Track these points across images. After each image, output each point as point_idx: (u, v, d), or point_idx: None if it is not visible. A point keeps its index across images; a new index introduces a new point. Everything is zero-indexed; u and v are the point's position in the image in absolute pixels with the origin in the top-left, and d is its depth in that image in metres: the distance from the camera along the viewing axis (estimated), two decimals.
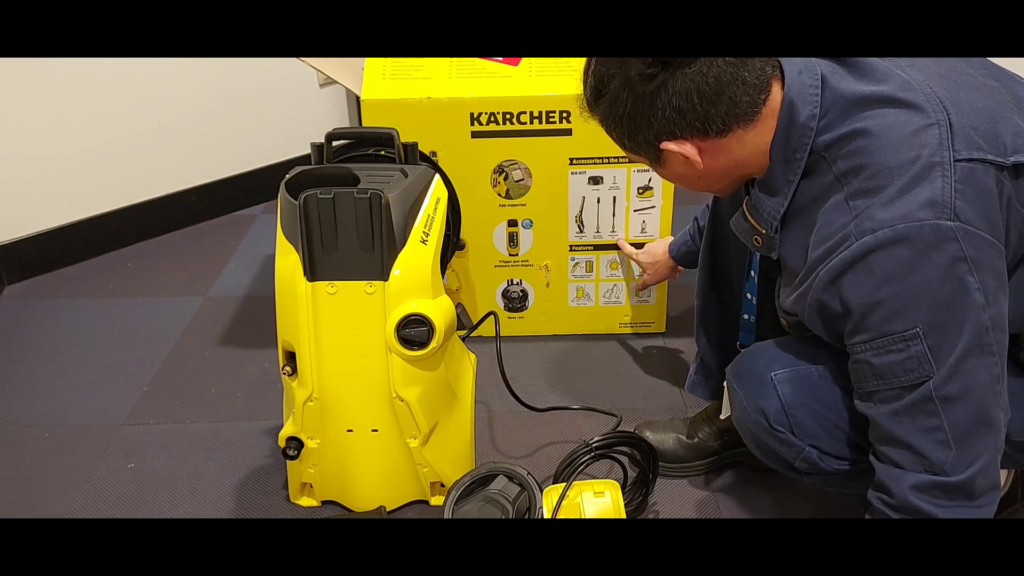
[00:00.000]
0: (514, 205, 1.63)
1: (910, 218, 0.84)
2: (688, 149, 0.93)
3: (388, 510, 1.33)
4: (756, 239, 1.02)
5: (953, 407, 0.86)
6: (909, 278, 0.85)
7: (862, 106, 0.91)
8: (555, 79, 1.54)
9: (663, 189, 1.61)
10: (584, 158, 1.58)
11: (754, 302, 1.23)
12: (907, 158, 0.86)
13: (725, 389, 1.14)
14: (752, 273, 1.21)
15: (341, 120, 2.49)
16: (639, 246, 1.65)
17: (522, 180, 1.61)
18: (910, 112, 0.89)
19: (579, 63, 1.56)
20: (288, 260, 1.17)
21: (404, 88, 1.53)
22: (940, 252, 0.84)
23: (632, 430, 1.40)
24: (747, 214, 1.03)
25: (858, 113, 0.90)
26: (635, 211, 1.64)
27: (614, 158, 1.58)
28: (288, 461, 1.29)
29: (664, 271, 1.58)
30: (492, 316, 1.44)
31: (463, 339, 1.41)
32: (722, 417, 1.26)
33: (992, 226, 0.86)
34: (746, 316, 1.26)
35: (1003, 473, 1.22)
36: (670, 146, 0.93)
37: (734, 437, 1.36)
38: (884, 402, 0.90)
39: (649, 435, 1.40)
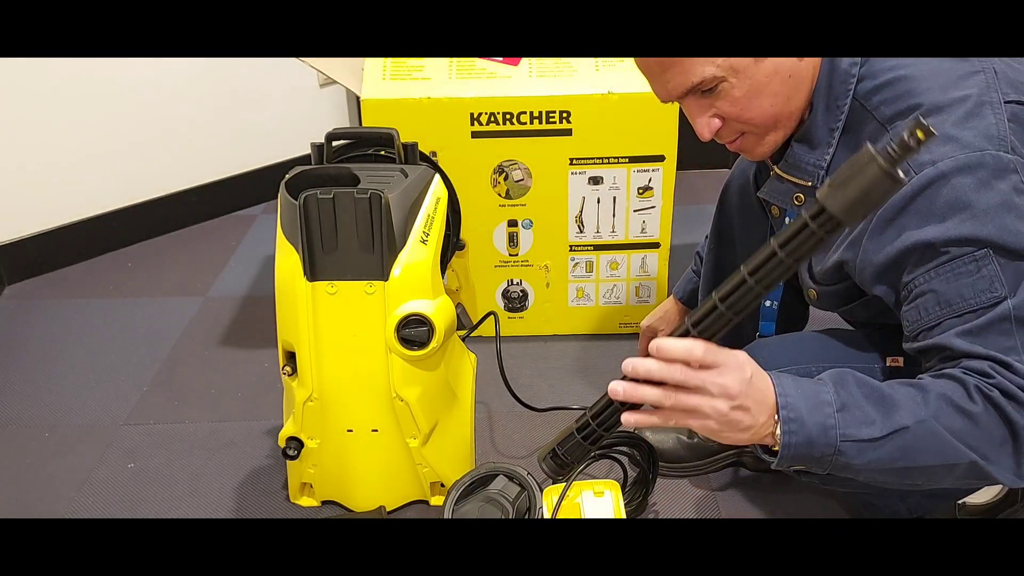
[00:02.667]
0: (514, 205, 1.63)
1: (972, 147, 0.83)
2: None
3: (388, 510, 1.33)
4: (798, 196, 1.01)
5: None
6: (975, 204, 0.83)
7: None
8: (555, 79, 1.54)
9: (663, 189, 1.61)
10: (584, 158, 1.58)
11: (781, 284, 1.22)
12: (956, 96, 0.86)
13: None
14: None
15: (341, 120, 2.49)
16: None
17: (522, 180, 1.61)
18: (955, 60, 0.89)
19: (579, 63, 1.57)
20: (288, 260, 1.17)
21: (404, 88, 1.53)
22: (1003, 181, 0.83)
23: (632, 430, 1.40)
24: (783, 174, 1.01)
25: (900, 59, 0.90)
26: (635, 211, 1.64)
27: (614, 158, 1.58)
28: (288, 461, 1.29)
29: (676, 318, 1.49)
30: (492, 316, 1.44)
31: (463, 339, 1.41)
32: None
33: None
34: (768, 303, 1.24)
35: None
36: None
37: None
38: (951, 328, 0.86)
39: (649, 435, 1.40)
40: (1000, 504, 1.22)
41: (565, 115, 1.54)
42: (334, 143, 1.27)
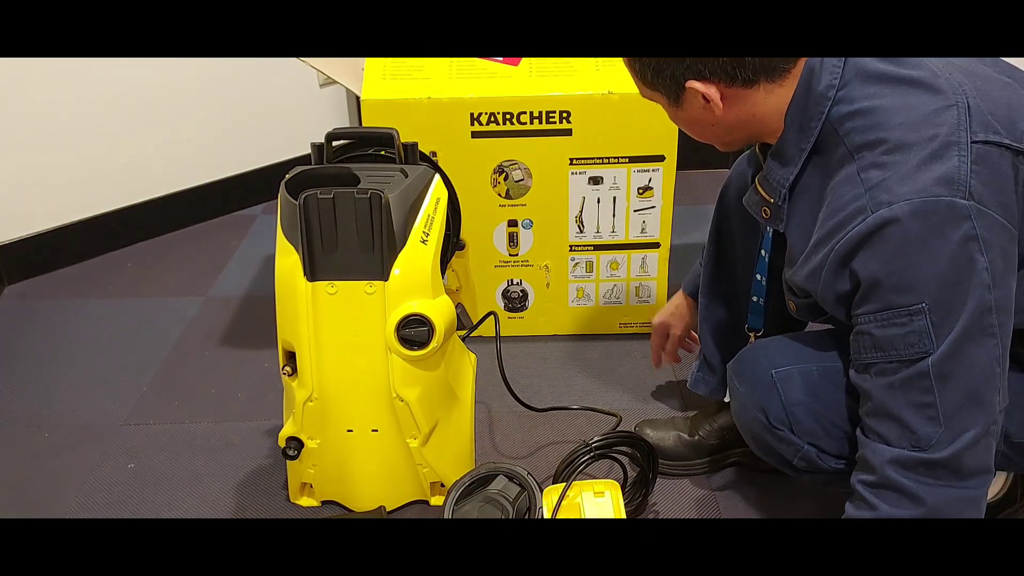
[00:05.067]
0: (514, 205, 1.63)
1: (926, 193, 0.84)
2: (712, 92, 0.93)
3: (388, 510, 1.33)
4: (765, 210, 1.03)
5: (947, 385, 0.86)
6: (921, 252, 0.85)
7: (882, 83, 0.91)
8: (555, 79, 1.54)
9: (663, 189, 1.61)
10: (584, 158, 1.58)
11: (764, 283, 1.23)
12: (925, 136, 0.87)
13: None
14: (763, 252, 1.21)
15: (341, 120, 2.49)
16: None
17: (522, 180, 1.61)
18: (930, 94, 0.89)
19: (579, 63, 1.57)
20: (288, 260, 1.17)
21: (404, 88, 1.53)
22: (953, 229, 0.84)
23: (632, 429, 1.40)
24: (758, 186, 1.03)
25: (877, 88, 0.91)
26: (635, 211, 1.64)
27: (614, 158, 1.58)
28: (288, 461, 1.29)
29: (687, 312, 1.48)
30: (492, 316, 1.44)
31: (463, 339, 1.41)
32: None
33: (1005, 209, 0.86)
34: (755, 298, 1.26)
35: (1001, 473, 1.22)
36: (695, 85, 0.93)
37: (734, 436, 1.36)
38: (880, 375, 0.90)
39: (649, 432, 1.40)
40: (1000, 504, 1.22)
41: (565, 115, 1.54)
42: (334, 143, 1.27)
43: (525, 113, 1.53)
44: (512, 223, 1.65)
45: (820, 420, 1.03)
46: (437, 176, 1.25)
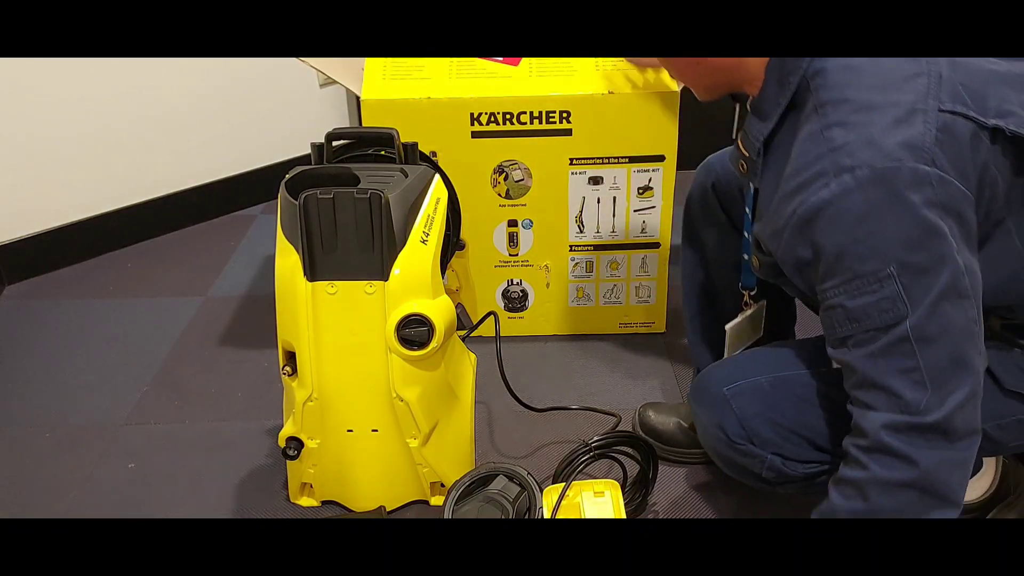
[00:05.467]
0: (514, 205, 1.63)
1: (890, 158, 0.84)
2: None
3: (388, 510, 1.33)
4: (742, 164, 1.03)
5: (929, 347, 0.85)
6: (884, 218, 0.84)
7: None
8: (555, 79, 1.54)
9: (663, 189, 1.61)
10: (584, 158, 1.58)
11: (751, 239, 1.23)
12: (892, 99, 0.86)
13: None
14: (747, 210, 1.21)
15: (341, 120, 2.49)
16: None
17: (522, 180, 1.61)
18: (907, 60, 0.89)
19: (579, 63, 1.57)
20: (288, 260, 1.17)
21: (404, 88, 1.53)
22: (916, 194, 0.83)
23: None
24: (739, 142, 1.04)
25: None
26: (635, 211, 1.64)
27: (614, 158, 1.58)
28: (288, 461, 1.29)
29: None
30: (492, 316, 1.44)
31: (463, 339, 1.41)
32: None
33: (966, 179, 0.86)
34: (745, 256, 1.25)
35: (991, 469, 1.23)
36: None
37: None
38: (859, 346, 0.89)
39: (651, 415, 1.43)
40: (991, 500, 1.22)
41: (565, 115, 1.54)
42: (334, 143, 1.27)
43: (525, 113, 1.53)
44: (512, 223, 1.65)
45: (776, 429, 1.04)
46: (437, 176, 1.25)
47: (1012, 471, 1.24)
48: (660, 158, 1.58)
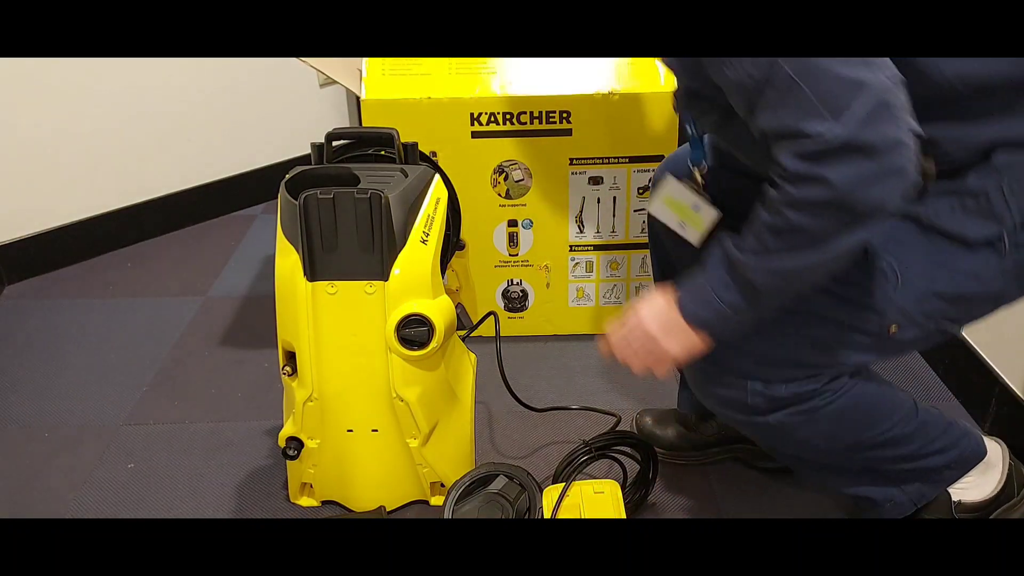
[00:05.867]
0: (514, 205, 1.63)
1: None
2: None
3: (388, 510, 1.33)
4: None
5: (810, 74, 0.82)
6: None
7: None
8: (555, 79, 1.54)
9: None
10: (584, 158, 1.58)
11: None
12: None
13: None
14: None
15: (341, 120, 2.49)
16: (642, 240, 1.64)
17: (522, 180, 1.61)
18: None
19: (579, 63, 1.57)
20: (288, 260, 1.17)
21: (404, 88, 1.53)
22: None
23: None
24: None
25: None
26: (635, 211, 1.64)
27: (614, 158, 1.58)
28: (288, 461, 1.29)
29: None
30: (492, 316, 1.44)
31: (463, 339, 1.41)
32: None
33: None
34: (689, 129, 1.21)
35: (997, 470, 1.23)
36: None
37: (732, 432, 1.38)
38: (758, 112, 0.87)
39: (649, 421, 1.43)
40: (995, 500, 1.22)
41: (565, 115, 1.54)
42: (334, 143, 1.27)
43: (525, 113, 1.53)
44: (512, 223, 1.65)
45: (749, 355, 1.03)
46: (437, 176, 1.25)
47: (1016, 472, 1.24)
48: (660, 158, 1.58)
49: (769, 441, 1.15)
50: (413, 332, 1.17)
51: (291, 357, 1.23)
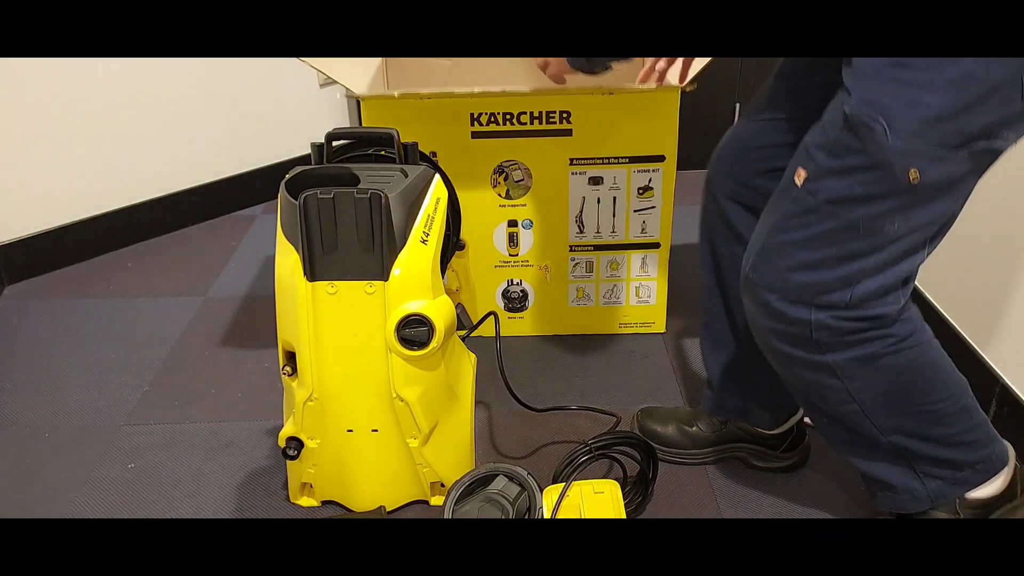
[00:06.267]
0: (514, 205, 1.63)
1: None
2: None
3: (388, 510, 1.33)
4: None
5: None
6: None
7: None
8: None
9: (663, 189, 1.61)
10: (584, 158, 1.58)
11: None
12: None
13: None
14: None
15: (341, 120, 2.49)
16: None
17: (522, 180, 1.61)
18: None
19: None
20: (288, 260, 1.17)
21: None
22: None
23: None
24: None
25: None
26: (635, 211, 1.64)
27: (614, 158, 1.58)
28: (288, 461, 1.29)
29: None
30: (492, 316, 1.44)
31: (463, 339, 1.41)
32: None
33: None
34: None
35: (1007, 472, 1.22)
36: None
37: (732, 431, 1.39)
38: None
39: (650, 421, 1.44)
40: (1000, 498, 1.22)
41: (565, 115, 1.54)
42: (334, 143, 1.27)
43: (525, 113, 1.53)
44: (512, 223, 1.65)
45: (798, 268, 1.00)
46: (437, 176, 1.25)
47: (1020, 473, 1.23)
48: (660, 158, 1.58)
49: (819, 390, 1.10)
50: (413, 332, 1.17)
51: (291, 357, 1.23)
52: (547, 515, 1.16)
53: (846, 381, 1.06)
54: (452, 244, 1.40)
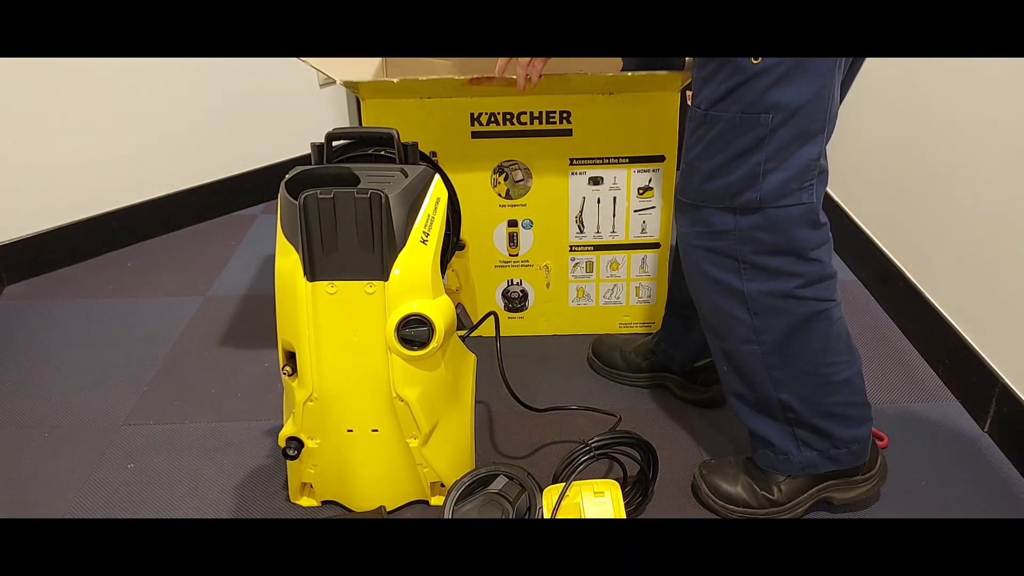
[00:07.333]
0: (514, 205, 1.63)
1: None
2: None
3: (388, 510, 1.33)
4: None
5: None
6: None
7: None
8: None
9: (663, 189, 1.61)
10: (584, 158, 1.58)
11: None
12: None
13: None
14: None
15: (341, 120, 2.49)
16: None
17: (522, 180, 1.61)
18: None
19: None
20: (288, 260, 1.17)
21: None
22: None
23: (632, 430, 1.41)
24: None
25: None
26: (635, 211, 1.64)
27: (614, 158, 1.58)
28: (288, 461, 1.29)
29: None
30: (492, 316, 1.44)
31: (463, 339, 1.41)
32: None
33: None
34: None
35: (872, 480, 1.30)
36: None
37: (659, 361, 1.57)
38: None
39: (599, 347, 1.65)
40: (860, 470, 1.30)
41: (565, 115, 1.54)
42: (334, 143, 1.27)
43: (525, 113, 1.53)
44: (512, 223, 1.65)
45: (709, 178, 1.11)
46: (437, 176, 1.25)
47: (873, 447, 1.31)
48: (660, 158, 1.58)
49: (728, 323, 1.19)
50: (413, 332, 1.17)
51: (291, 357, 1.23)
52: (547, 515, 1.16)
53: (754, 318, 1.17)
54: (452, 244, 1.40)
